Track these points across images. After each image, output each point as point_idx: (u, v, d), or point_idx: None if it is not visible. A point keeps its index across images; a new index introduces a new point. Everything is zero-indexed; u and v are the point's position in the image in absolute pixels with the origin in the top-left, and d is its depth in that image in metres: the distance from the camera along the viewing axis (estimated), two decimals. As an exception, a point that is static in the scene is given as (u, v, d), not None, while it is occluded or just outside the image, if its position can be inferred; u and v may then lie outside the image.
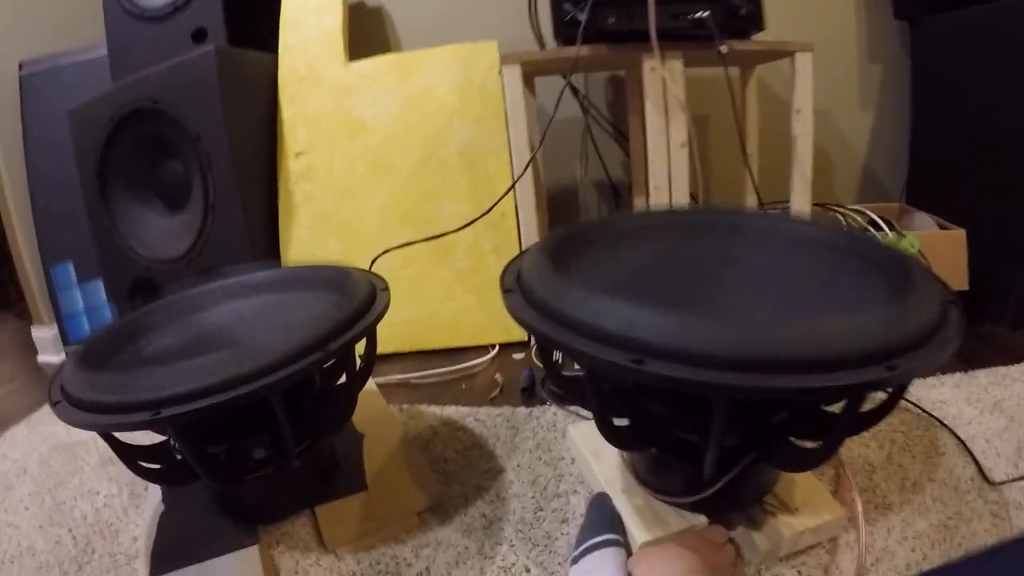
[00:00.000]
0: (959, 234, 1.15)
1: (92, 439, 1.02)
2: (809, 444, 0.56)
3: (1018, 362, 1.00)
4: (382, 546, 0.70)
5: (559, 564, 0.66)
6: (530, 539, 0.70)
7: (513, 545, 0.69)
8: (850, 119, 1.54)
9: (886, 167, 1.59)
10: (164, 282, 1.22)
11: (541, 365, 0.95)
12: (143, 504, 0.83)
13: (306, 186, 1.24)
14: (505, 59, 1.01)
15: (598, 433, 0.60)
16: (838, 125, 1.54)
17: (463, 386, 1.10)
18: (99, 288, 1.42)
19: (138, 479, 0.85)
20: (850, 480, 0.70)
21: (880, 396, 0.57)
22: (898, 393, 0.55)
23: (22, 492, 0.91)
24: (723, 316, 0.54)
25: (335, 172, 1.23)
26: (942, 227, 1.21)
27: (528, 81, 1.09)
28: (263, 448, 0.67)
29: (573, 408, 0.94)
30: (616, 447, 0.58)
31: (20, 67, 1.40)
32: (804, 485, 0.68)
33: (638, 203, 1.23)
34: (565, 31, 0.99)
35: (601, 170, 1.56)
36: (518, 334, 1.20)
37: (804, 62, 1.06)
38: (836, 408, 0.53)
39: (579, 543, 0.63)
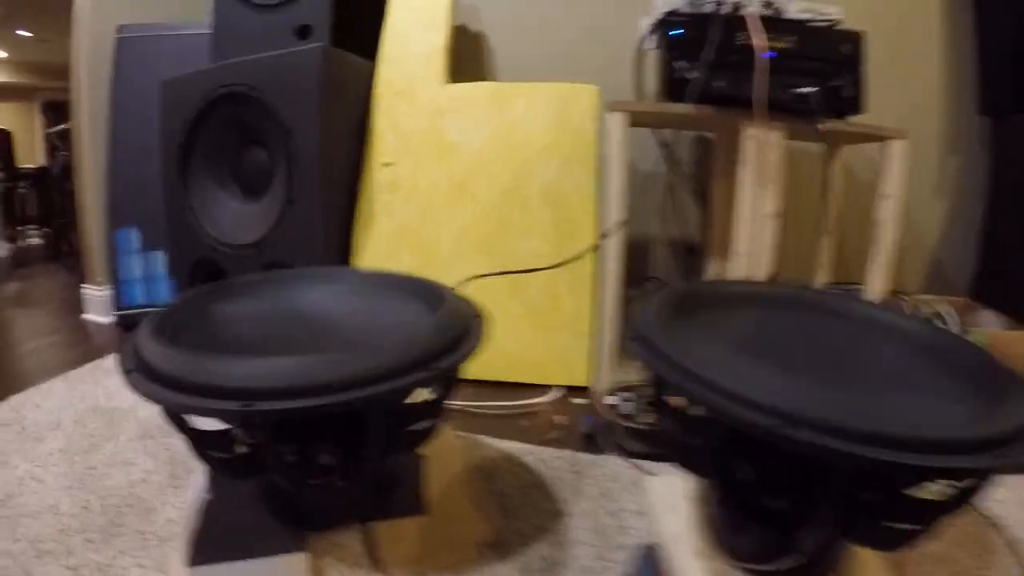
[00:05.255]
0: (1030, 335, 1.12)
1: (133, 407, 0.98)
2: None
3: (1074, 473, 0.95)
4: (435, 573, 0.69)
5: (623, 618, 0.65)
6: (592, 588, 0.69)
7: (575, 592, 0.68)
8: (924, 208, 1.54)
9: (953, 259, 1.57)
10: (228, 267, 1.23)
11: (622, 415, 0.98)
12: (183, 487, 0.80)
13: (388, 197, 1.26)
14: (612, 106, 1.03)
15: (675, 489, 0.62)
16: (911, 213, 1.54)
17: (523, 423, 1.08)
18: (159, 259, 1.43)
19: (178, 460, 0.83)
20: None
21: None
22: (980, 484, 0.55)
23: (52, 447, 0.88)
24: (856, 393, 0.56)
25: (420, 188, 1.25)
26: (1008, 326, 1.19)
27: (623, 131, 1.11)
28: (333, 456, 0.63)
29: (639, 462, 0.92)
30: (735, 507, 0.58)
31: (118, 30, 1.42)
32: (866, 564, 0.66)
33: (711, 266, 1.23)
34: (673, 87, 1.01)
35: (675, 226, 1.57)
36: (579, 378, 1.18)
37: (897, 149, 1.08)
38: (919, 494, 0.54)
39: None
